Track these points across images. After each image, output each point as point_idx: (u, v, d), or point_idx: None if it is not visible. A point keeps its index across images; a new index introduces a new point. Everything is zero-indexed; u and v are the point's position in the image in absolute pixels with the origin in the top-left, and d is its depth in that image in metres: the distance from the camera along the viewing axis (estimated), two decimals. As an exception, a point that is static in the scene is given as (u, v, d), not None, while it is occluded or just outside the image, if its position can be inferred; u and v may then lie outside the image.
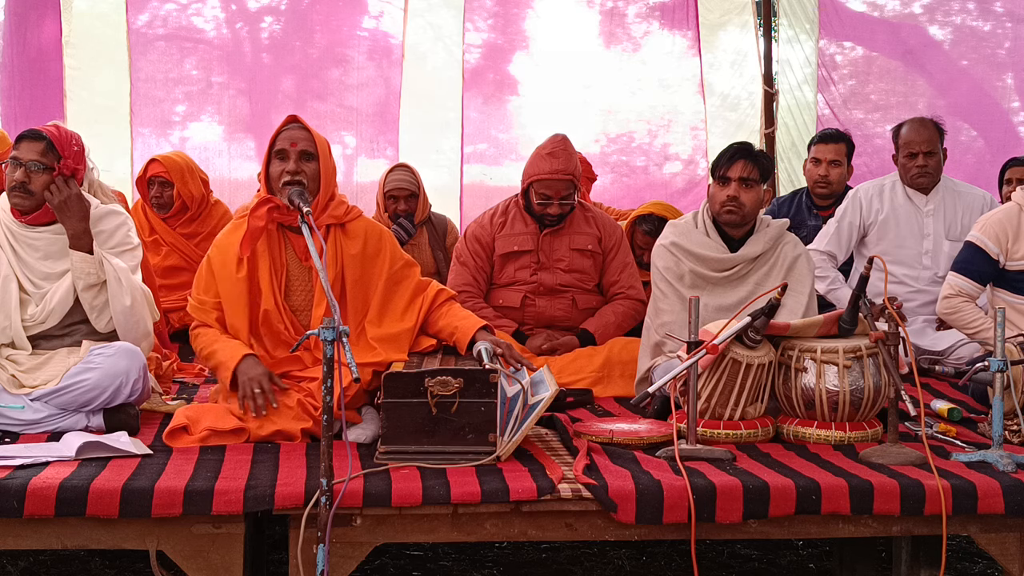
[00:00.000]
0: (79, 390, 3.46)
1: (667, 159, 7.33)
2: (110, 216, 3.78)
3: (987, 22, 7.09)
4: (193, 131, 6.90)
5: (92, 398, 3.47)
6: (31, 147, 3.63)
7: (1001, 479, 3.04)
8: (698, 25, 7.12)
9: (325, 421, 2.74)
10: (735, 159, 3.96)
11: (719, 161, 4.02)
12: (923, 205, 5.00)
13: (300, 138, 3.58)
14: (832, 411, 3.43)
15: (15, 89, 6.45)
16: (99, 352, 3.54)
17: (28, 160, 3.62)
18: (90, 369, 3.49)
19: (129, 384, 3.50)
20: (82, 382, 3.46)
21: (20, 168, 3.63)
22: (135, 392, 3.54)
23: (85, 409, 3.49)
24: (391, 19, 6.92)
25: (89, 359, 3.52)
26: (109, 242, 3.73)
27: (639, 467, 3.10)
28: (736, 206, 3.95)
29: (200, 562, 2.88)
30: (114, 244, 3.74)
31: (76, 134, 3.80)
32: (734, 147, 4.04)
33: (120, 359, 3.51)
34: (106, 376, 3.47)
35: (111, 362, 3.50)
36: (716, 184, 4.01)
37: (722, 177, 3.98)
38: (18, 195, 3.64)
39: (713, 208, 4.03)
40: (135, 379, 3.52)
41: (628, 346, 4.43)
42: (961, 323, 4.28)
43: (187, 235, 5.53)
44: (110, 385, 3.47)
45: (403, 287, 3.73)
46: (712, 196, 4.03)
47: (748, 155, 3.97)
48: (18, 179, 3.62)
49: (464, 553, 3.97)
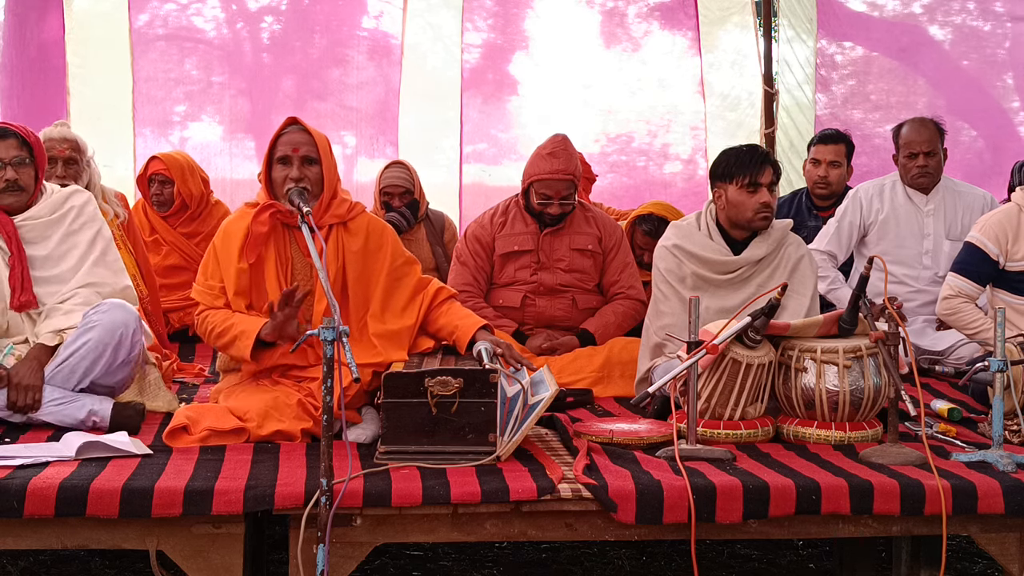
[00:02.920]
0: (82, 352, 3.48)
1: (667, 159, 7.32)
2: (73, 197, 3.82)
3: (987, 22, 7.08)
4: (193, 131, 6.90)
5: (96, 358, 3.49)
6: (7, 145, 3.66)
7: (1001, 479, 3.04)
8: (698, 25, 7.11)
9: (325, 421, 2.74)
10: (764, 165, 3.90)
11: (741, 168, 3.91)
12: (923, 205, 5.00)
13: (302, 142, 3.58)
14: (832, 411, 3.44)
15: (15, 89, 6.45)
16: (94, 311, 3.57)
17: (10, 158, 3.66)
18: (89, 329, 3.52)
19: (129, 336, 3.54)
20: (85, 343, 3.49)
21: (7, 168, 3.65)
22: (135, 346, 3.57)
23: (91, 378, 3.50)
24: (391, 19, 6.91)
25: (85, 322, 3.55)
26: (79, 218, 3.76)
27: (639, 467, 3.10)
28: (770, 212, 3.93)
29: (200, 562, 2.88)
30: (84, 219, 3.77)
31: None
32: (757, 153, 3.96)
33: (116, 312, 3.56)
34: (106, 331, 3.51)
35: (108, 317, 3.53)
36: (741, 191, 3.91)
37: (753, 183, 3.89)
38: (11, 194, 3.68)
39: (743, 216, 3.94)
40: (133, 329, 3.56)
41: (628, 346, 4.43)
42: (961, 324, 4.28)
43: (187, 234, 5.54)
44: (110, 341, 3.50)
45: (404, 284, 3.73)
46: (738, 203, 3.93)
47: (771, 160, 3.96)
48: (9, 178, 3.65)
49: (464, 553, 3.97)
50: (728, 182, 3.95)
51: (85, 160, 4.64)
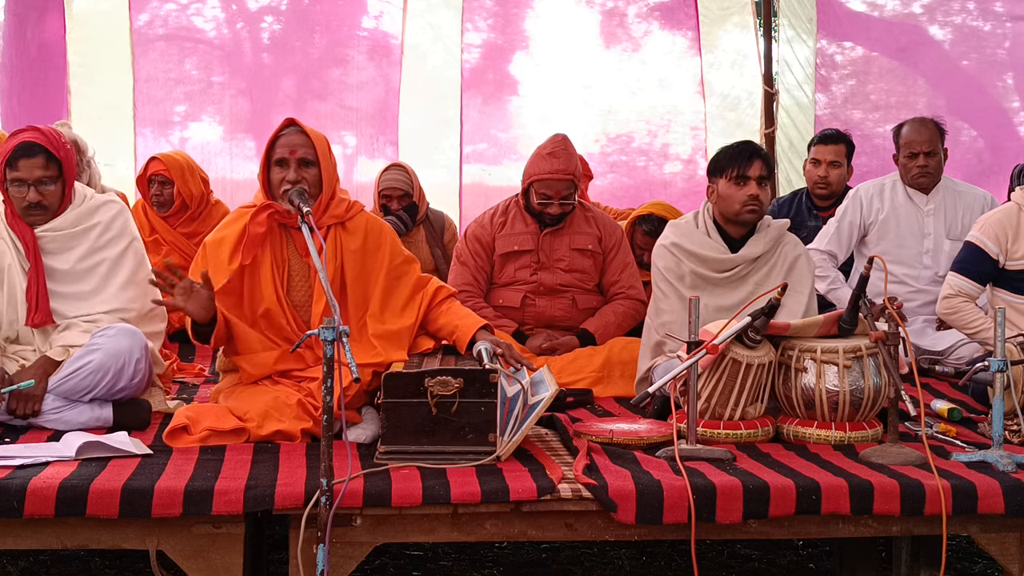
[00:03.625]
0: (83, 373, 3.47)
1: (667, 159, 7.33)
2: (102, 209, 3.73)
3: (987, 22, 7.08)
4: (193, 131, 6.90)
5: (96, 381, 3.47)
6: (32, 164, 3.55)
7: (1001, 479, 3.04)
8: (698, 25, 7.11)
9: (325, 421, 2.74)
10: (753, 158, 3.92)
11: (731, 161, 3.94)
12: (923, 205, 5.00)
13: (299, 144, 3.57)
14: (832, 411, 3.43)
15: (15, 89, 6.45)
16: (100, 334, 3.55)
17: (35, 179, 3.56)
18: (92, 351, 3.50)
19: (132, 363, 3.52)
20: (86, 365, 3.47)
21: (30, 188, 3.56)
22: (138, 373, 3.55)
23: (91, 395, 3.49)
24: (390, 19, 6.92)
25: (91, 343, 3.53)
26: (106, 234, 3.69)
27: (639, 467, 3.10)
28: (758, 204, 3.93)
29: (200, 562, 2.88)
30: (112, 235, 3.70)
31: (60, 132, 3.70)
32: (747, 147, 3.99)
33: (121, 339, 3.53)
34: (108, 356, 3.49)
35: (113, 342, 3.51)
36: (731, 184, 3.93)
37: (740, 176, 3.91)
38: (35, 214, 3.60)
39: (731, 209, 3.96)
40: (137, 358, 3.53)
41: (628, 346, 4.43)
42: (961, 323, 4.28)
43: (187, 234, 5.54)
44: (112, 365, 3.48)
45: (403, 283, 3.73)
46: (727, 196, 3.95)
47: (761, 154, 3.96)
48: (32, 200, 3.57)
49: (464, 553, 3.97)
50: (719, 176, 3.98)
51: (85, 160, 4.65)
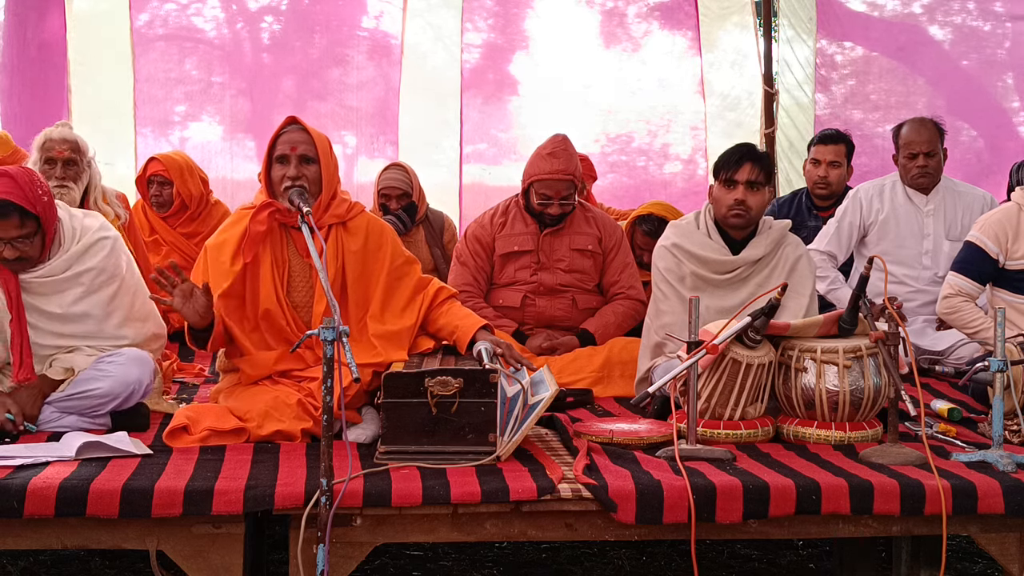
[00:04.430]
0: (88, 396, 3.46)
1: (667, 159, 7.33)
2: (93, 249, 3.58)
3: (987, 22, 7.08)
4: (193, 131, 6.91)
5: (101, 403, 3.47)
6: (7, 225, 3.36)
7: (1001, 479, 3.04)
8: (698, 25, 7.12)
9: (325, 421, 2.74)
10: (742, 162, 3.91)
11: (724, 163, 3.95)
12: (923, 205, 5.00)
13: (300, 141, 3.57)
14: (832, 411, 3.43)
15: (15, 88, 6.45)
16: (110, 360, 3.51)
17: (10, 238, 3.40)
18: (101, 377, 3.47)
19: (141, 390, 3.52)
20: (93, 390, 3.45)
21: (6, 246, 3.40)
22: (144, 396, 3.56)
23: (92, 413, 3.48)
24: (390, 19, 6.92)
25: (99, 366, 3.50)
26: (99, 278, 3.57)
27: (639, 467, 3.10)
28: (743, 209, 3.92)
29: (200, 562, 2.88)
30: (105, 278, 3.58)
31: (35, 175, 3.47)
32: (739, 149, 3.98)
33: (132, 367, 3.51)
34: (118, 384, 3.47)
35: (123, 371, 3.49)
36: (721, 187, 3.95)
37: (729, 180, 3.91)
38: (15, 264, 3.46)
39: (719, 211, 3.98)
40: (146, 384, 3.53)
41: (628, 346, 4.43)
42: (961, 323, 4.28)
43: (187, 235, 5.54)
44: (122, 392, 3.48)
45: (404, 284, 3.73)
46: (717, 199, 3.97)
47: (754, 157, 3.93)
48: (9, 256, 3.41)
49: (464, 553, 3.97)
50: (716, 178, 4.00)
51: (85, 161, 4.64)
